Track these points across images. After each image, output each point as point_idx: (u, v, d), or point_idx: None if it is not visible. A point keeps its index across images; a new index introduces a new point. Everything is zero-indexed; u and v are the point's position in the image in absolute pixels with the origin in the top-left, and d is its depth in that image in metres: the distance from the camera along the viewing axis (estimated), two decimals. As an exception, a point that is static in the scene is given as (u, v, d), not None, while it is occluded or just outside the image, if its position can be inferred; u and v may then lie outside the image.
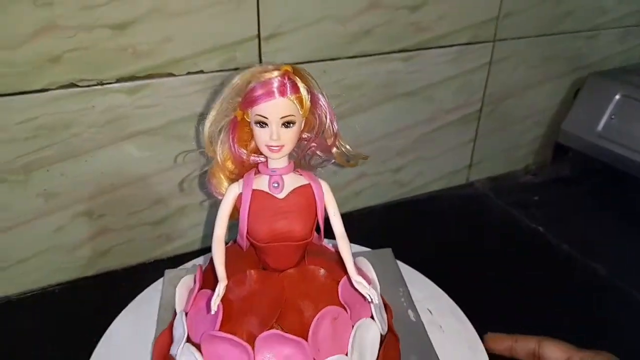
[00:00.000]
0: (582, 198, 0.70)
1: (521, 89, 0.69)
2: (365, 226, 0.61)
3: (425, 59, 0.59)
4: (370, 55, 0.56)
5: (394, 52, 0.57)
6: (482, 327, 0.42)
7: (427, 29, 0.57)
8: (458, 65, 0.62)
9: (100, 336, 0.42)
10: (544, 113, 0.73)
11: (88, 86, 0.46)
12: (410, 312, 0.41)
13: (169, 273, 0.45)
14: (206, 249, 0.56)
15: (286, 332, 0.29)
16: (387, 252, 0.48)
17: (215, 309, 0.29)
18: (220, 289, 0.29)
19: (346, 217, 0.35)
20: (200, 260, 0.48)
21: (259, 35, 0.50)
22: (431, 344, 0.38)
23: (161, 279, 0.46)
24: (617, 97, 0.67)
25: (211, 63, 0.49)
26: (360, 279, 0.31)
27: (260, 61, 0.51)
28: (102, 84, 0.46)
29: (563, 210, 0.67)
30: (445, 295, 0.44)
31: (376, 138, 0.61)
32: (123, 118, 0.48)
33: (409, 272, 0.47)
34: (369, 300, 0.31)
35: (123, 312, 0.42)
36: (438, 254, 0.55)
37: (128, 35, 0.45)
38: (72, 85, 0.45)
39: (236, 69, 0.50)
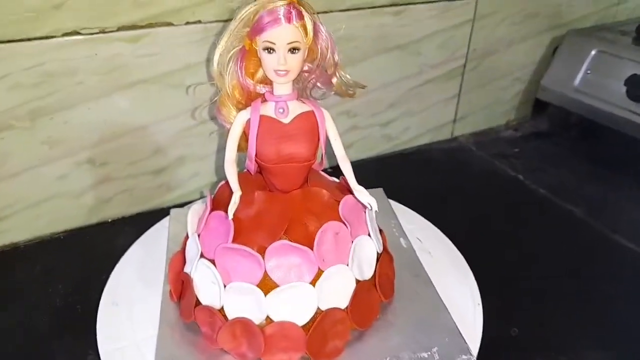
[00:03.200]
0: (560, 149, 0.74)
1: (503, 45, 0.72)
2: (358, 177, 0.65)
3: (413, 13, 0.62)
4: (362, 8, 0.58)
5: (385, 6, 0.60)
6: (468, 255, 0.46)
7: (415, -17, 0.60)
8: (444, 21, 0.65)
9: (109, 275, 0.45)
10: (525, 70, 0.77)
11: (91, 34, 0.47)
12: (402, 240, 0.45)
13: (174, 211, 0.48)
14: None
15: (294, 242, 0.33)
16: (379, 191, 0.51)
17: (232, 216, 0.32)
18: (236, 197, 0.32)
19: (339, 170, 0.38)
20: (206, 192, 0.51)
21: (254, -13, 0.52)
22: (421, 264, 0.42)
23: (166, 218, 0.49)
24: (593, 52, 0.71)
25: (208, 13, 0.51)
26: (361, 188, 0.35)
27: (256, 13, 0.53)
28: (104, 32, 0.48)
29: (541, 160, 0.71)
30: (433, 226, 0.48)
31: (367, 90, 0.63)
32: (124, 66, 0.50)
33: (399, 208, 0.50)
34: (369, 207, 0.34)
35: (133, 245, 0.45)
36: (426, 198, 0.59)
37: (129, -18, 0.47)
38: (76, 32, 0.47)
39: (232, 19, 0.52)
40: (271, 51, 0.31)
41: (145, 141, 0.55)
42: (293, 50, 0.31)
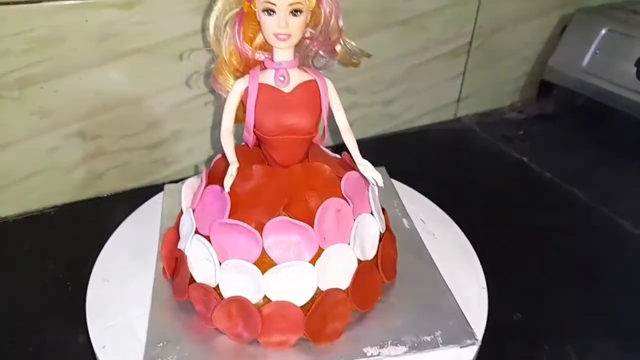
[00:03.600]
0: (565, 132, 0.72)
1: (510, 23, 0.69)
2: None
3: (419, -14, 0.59)
4: (365, -21, 0.56)
5: (389, -23, 0.57)
6: (472, 237, 0.44)
7: (422, -47, 0.57)
8: (451, -5, 0.62)
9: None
10: (532, 49, 0.74)
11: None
12: (405, 220, 0.43)
13: (169, 187, 0.46)
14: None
15: (293, 219, 0.31)
16: (382, 170, 0.49)
17: (228, 189, 0.30)
18: (233, 170, 0.30)
19: (339, 148, 0.36)
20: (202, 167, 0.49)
21: (255, -47, 0.49)
22: (425, 246, 0.40)
23: (159, 194, 0.47)
24: (603, 31, 0.68)
25: (206, -20, 0.49)
26: (365, 162, 0.33)
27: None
28: (95, -2, 0.45)
29: (546, 142, 0.69)
30: (437, 207, 0.46)
31: (369, 67, 0.61)
32: (117, 35, 0.48)
33: (402, 188, 0.48)
34: (374, 182, 0.32)
35: (125, 221, 0.43)
36: (428, 179, 0.56)
37: (122, -56, 0.44)
38: (65, -3, 0.44)
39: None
40: (271, 13, 0.29)
41: (139, 114, 0.53)
42: (295, 12, 0.29)
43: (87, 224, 0.51)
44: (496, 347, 0.36)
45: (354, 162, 0.33)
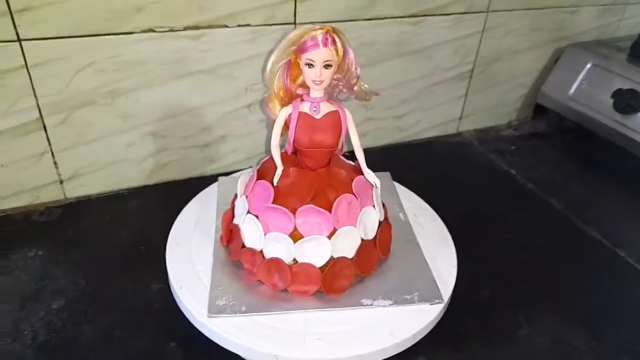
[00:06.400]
0: (553, 150, 0.86)
1: (509, 54, 0.84)
2: (369, 162, 0.77)
3: (429, 24, 0.74)
4: (383, 18, 0.71)
5: (404, 17, 0.72)
6: (454, 230, 0.59)
7: (432, -2, 0.72)
8: (456, 31, 0.77)
9: (168, 224, 0.59)
10: (528, 76, 0.89)
11: (162, 32, 0.61)
12: (400, 214, 0.58)
13: (221, 179, 0.62)
14: (238, 170, 0.72)
15: (317, 207, 0.46)
16: (386, 174, 0.64)
17: (276, 183, 0.45)
18: (279, 171, 0.46)
19: (353, 154, 0.51)
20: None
21: (295, -2, 0.65)
22: (414, 233, 0.55)
23: (215, 184, 0.62)
24: (588, 65, 0.82)
25: (256, 18, 0.64)
26: (369, 171, 0.48)
27: (295, 18, 0.66)
28: (173, 31, 0.61)
29: (533, 158, 0.83)
30: (429, 207, 0.61)
31: (384, 87, 0.77)
32: (186, 59, 0.64)
33: (402, 190, 0.63)
34: (374, 185, 0.47)
35: (189, 203, 0.59)
36: (427, 183, 0.71)
37: (197, -8, 0.60)
38: (150, 30, 0.60)
39: (275, 24, 0.65)
40: (311, 66, 0.44)
41: (196, 120, 0.69)
42: (327, 66, 0.44)
43: (152, 203, 0.68)
44: (462, 310, 0.51)
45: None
